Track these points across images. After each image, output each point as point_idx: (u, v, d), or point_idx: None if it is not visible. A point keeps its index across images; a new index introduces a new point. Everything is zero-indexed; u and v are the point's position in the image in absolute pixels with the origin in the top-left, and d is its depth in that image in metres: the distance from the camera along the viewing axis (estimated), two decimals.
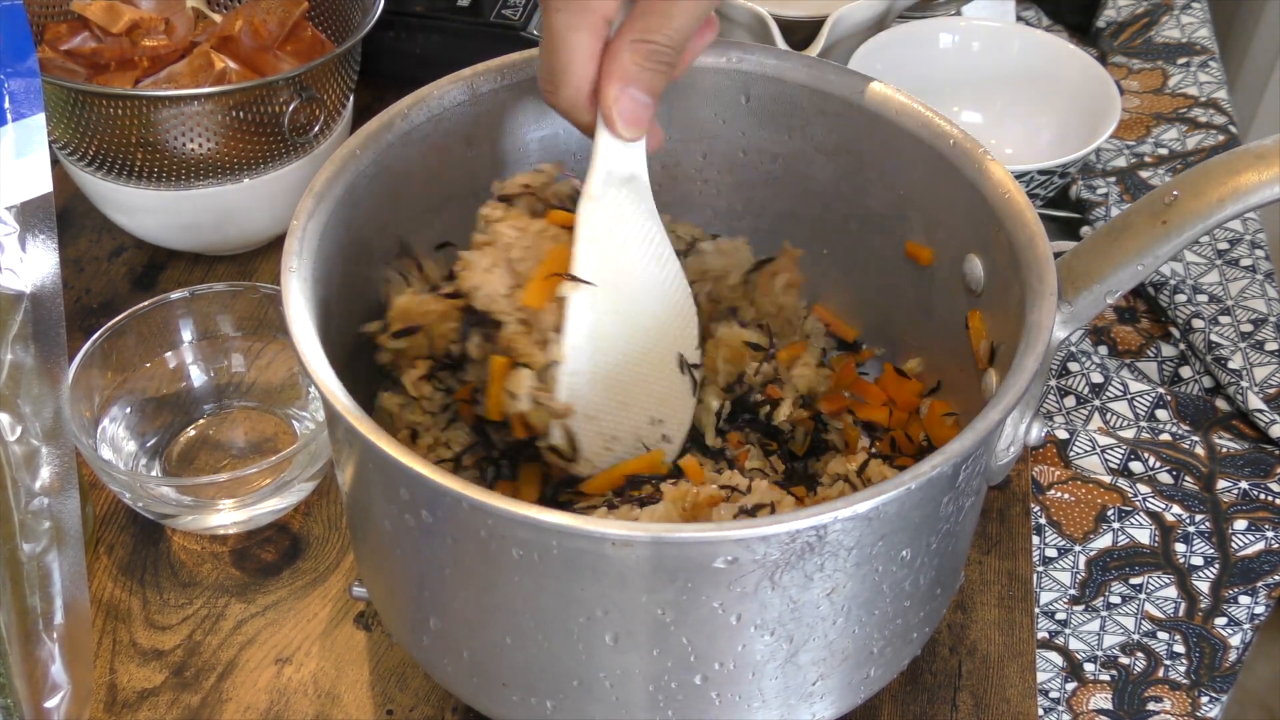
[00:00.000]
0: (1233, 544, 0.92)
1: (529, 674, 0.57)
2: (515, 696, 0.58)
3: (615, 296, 0.61)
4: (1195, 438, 0.93)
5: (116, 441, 0.78)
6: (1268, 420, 0.91)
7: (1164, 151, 1.10)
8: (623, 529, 0.48)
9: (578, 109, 0.59)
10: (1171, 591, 0.95)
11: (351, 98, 0.93)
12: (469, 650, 0.58)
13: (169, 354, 0.81)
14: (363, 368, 0.69)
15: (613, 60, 0.57)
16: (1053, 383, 0.96)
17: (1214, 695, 1.00)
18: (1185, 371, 0.97)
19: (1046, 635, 0.98)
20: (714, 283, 0.72)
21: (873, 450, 0.67)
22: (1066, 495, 0.92)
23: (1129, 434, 0.94)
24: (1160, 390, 0.95)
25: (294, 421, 0.82)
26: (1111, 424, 0.94)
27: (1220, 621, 0.96)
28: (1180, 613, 0.96)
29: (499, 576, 0.53)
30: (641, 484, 0.61)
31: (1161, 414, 0.94)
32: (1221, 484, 0.91)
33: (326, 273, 0.61)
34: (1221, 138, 1.11)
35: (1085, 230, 1.03)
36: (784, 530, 0.48)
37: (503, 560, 0.52)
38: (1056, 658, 0.99)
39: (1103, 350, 0.98)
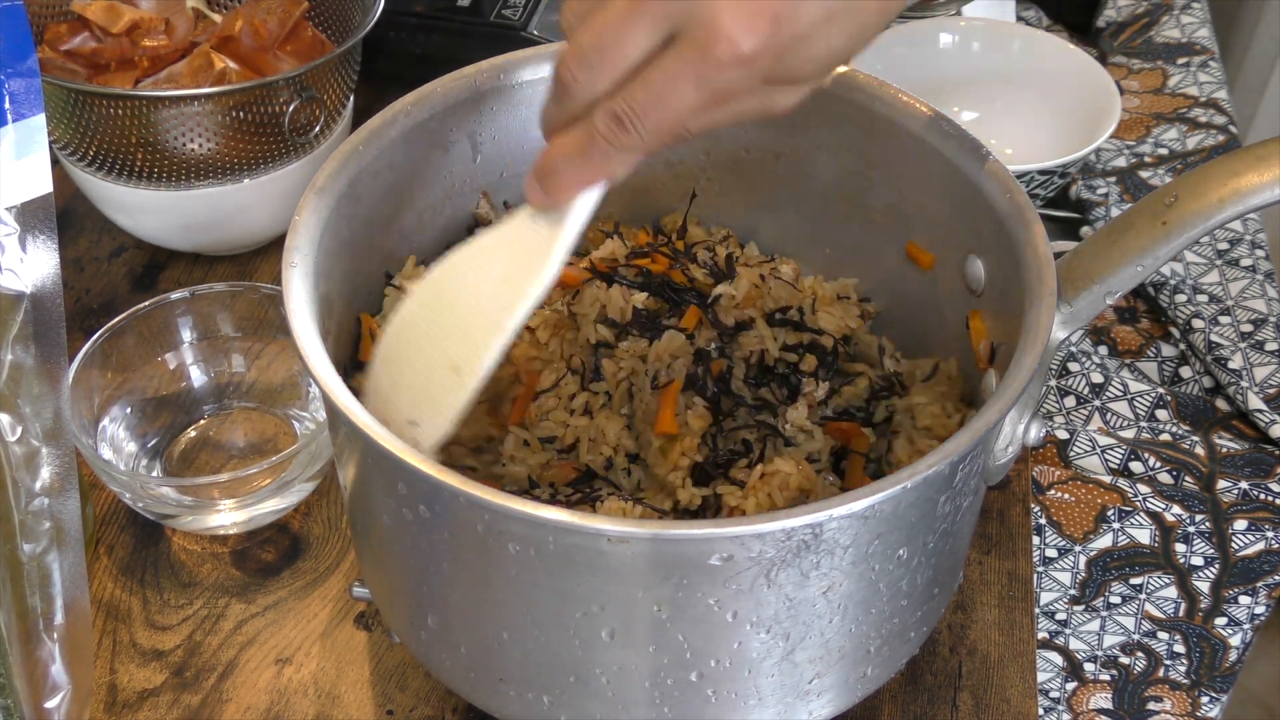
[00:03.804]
0: (1233, 544, 0.92)
1: (525, 669, 0.57)
2: (512, 692, 0.58)
3: (438, 296, 0.59)
4: (1195, 438, 0.93)
5: (117, 442, 0.78)
6: (1268, 420, 0.91)
7: (1164, 151, 1.10)
8: (619, 525, 0.48)
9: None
10: (1171, 591, 0.95)
11: (351, 98, 0.93)
12: (466, 645, 0.58)
13: (169, 354, 0.82)
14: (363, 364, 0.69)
15: (577, 124, 0.50)
16: (1053, 383, 0.96)
17: (1214, 695, 1.00)
18: (1185, 371, 0.97)
19: (1046, 635, 0.98)
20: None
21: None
22: (1066, 495, 0.92)
23: (1129, 434, 0.93)
24: (1160, 390, 0.95)
25: (294, 422, 0.82)
26: (1111, 424, 0.94)
27: (1220, 621, 0.96)
28: (1180, 613, 0.96)
29: (496, 571, 0.53)
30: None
31: (1161, 414, 0.94)
32: (1221, 484, 0.91)
33: (328, 268, 0.61)
34: (1221, 138, 1.11)
35: (1085, 230, 1.03)
36: (779, 528, 0.48)
37: (499, 555, 0.52)
38: (1056, 658, 0.99)
39: (1103, 350, 0.98)
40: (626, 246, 0.73)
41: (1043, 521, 0.93)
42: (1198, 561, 0.93)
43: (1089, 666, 0.99)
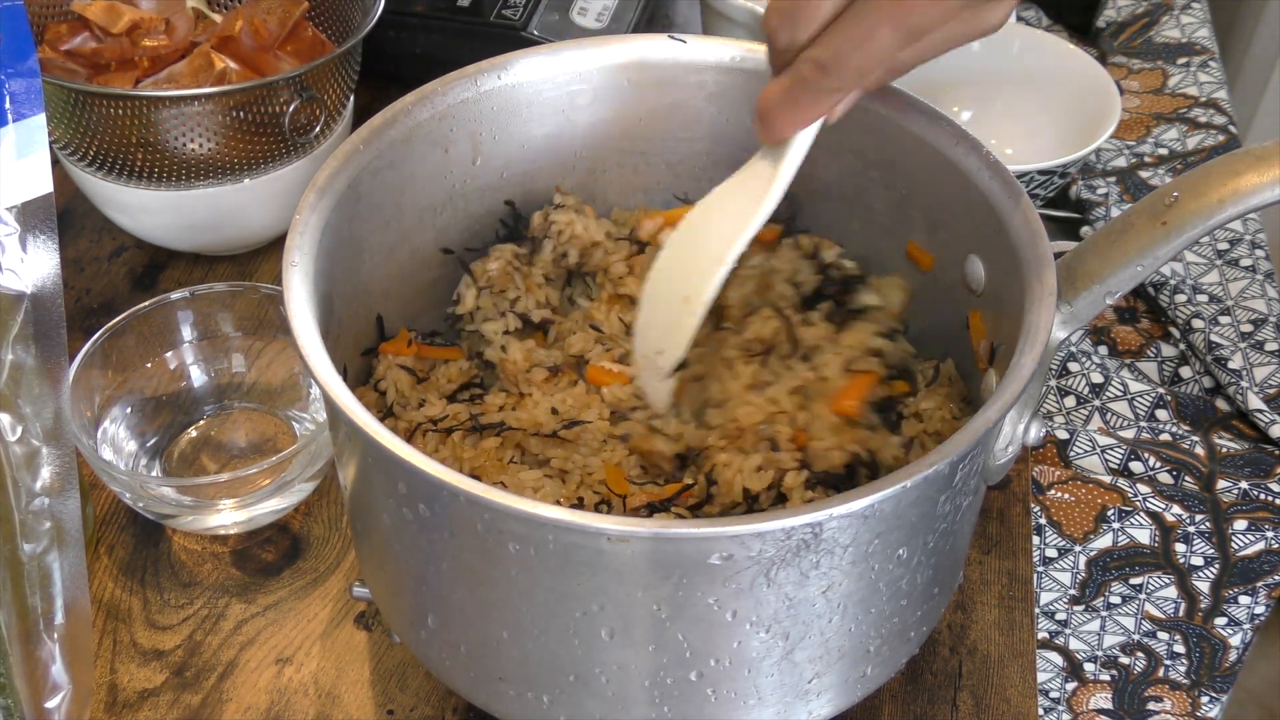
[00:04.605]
0: (1233, 544, 0.92)
1: (525, 668, 0.57)
2: (512, 691, 0.58)
3: (684, 238, 0.65)
4: (1195, 438, 0.93)
5: (117, 442, 0.78)
6: (1268, 420, 0.91)
7: (1164, 151, 1.10)
8: (619, 524, 0.48)
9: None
10: (1171, 591, 0.95)
11: (352, 98, 0.93)
12: (466, 644, 0.58)
13: (169, 354, 0.82)
14: (363, 362, 0.69)
15: (792, 69, 0.54)
16: (1053, 383, 0.96)
17: (1214, 695, 1.00)
18: (1185, 371, 0.97)
19: (1047, 635, 0.98)
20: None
21: None
22: (1066, 495, 0.92)
23: (1129, 434, 0.94)
24: (1160, 390, 0.95)
25: (294, 422, 0.82)
26: (1111, 424, 0.94)
27: (1220, 621, 0.96)
28: (1180, 613, 0.96)
29: (496, 570, 0.53)
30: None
31: (1161, 414, 0.94)
32: (1221, 484, 0.91)
33: (329, 268, 0.61)
34: (1222, 138, 1.11)
35: (1085, 230, 1.03)
36: (779, 527, 0.48)
37: (499, 554, 0.52)
38: (1057, 658, 0.99)
39: (1103, 350, 0.98)
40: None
41: (1043, 521, 0.93)
42: (1198, 561, 0.93)
43: (1089, 667, 0.99)
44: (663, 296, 0.65)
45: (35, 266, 0.68)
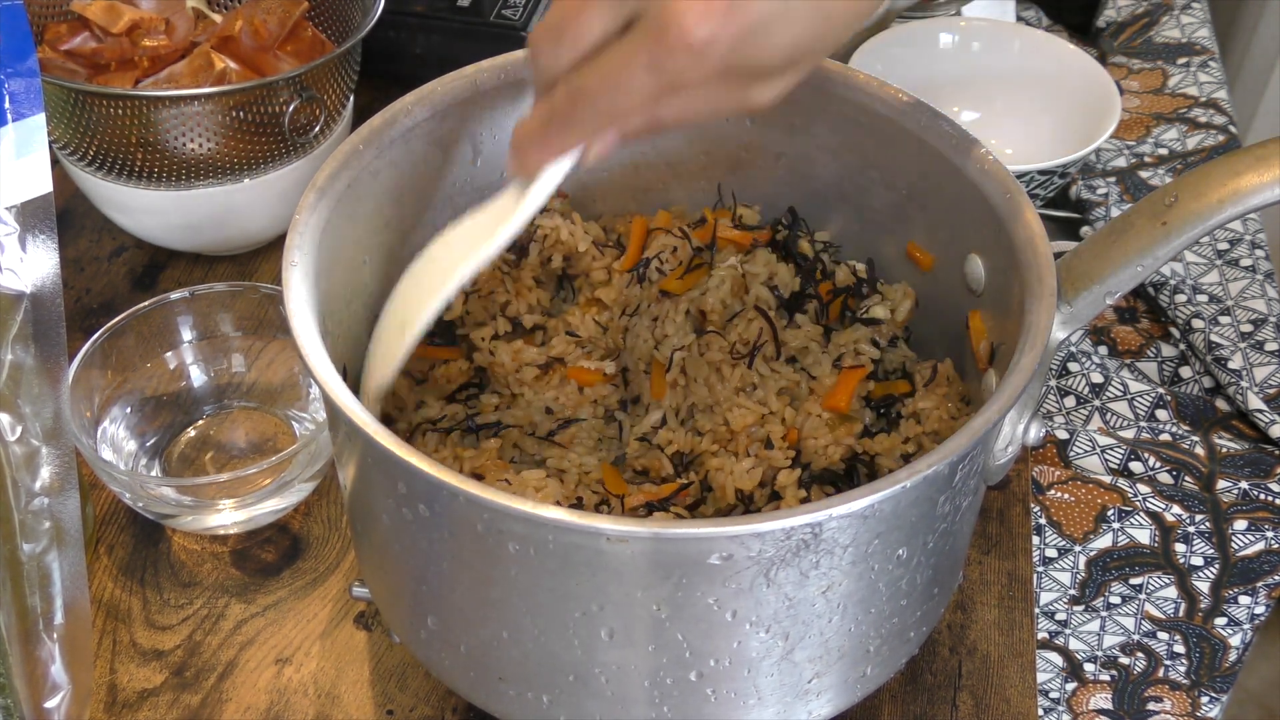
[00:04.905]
0: (1233, 544, 0.92)
1: (525, 668, 0.57)
2: (512, 691, 0.58)
3: (422, 266, 0.63)
4: (1195, 438, 0.93)
5: (116, 441, 0.78)
6: (1268, 420, 0.91)
7: (1164, 151, 1.10)
8: (619, 524, 0.48)
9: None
10: (1171, 591, 0.95)
11: (351, 98, 0.93)
12: (466, 645, 0.58)
13: (169, 354, 0.82)
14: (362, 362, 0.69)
15: (548, 96, 0.51)
16: (1053, 383, 0.96)
17: (1214, 695, 1.00)
18: (1185, 371, 0.97)
19: (1046, 635, 0.98)
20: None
21: None
22: (1066, 495, 0.92)
23: (1129, 434, 0.94)
24: (1160, 390, 0.95)
25: (294, 422, 0.82)
26: (1111, 424, 0.94)
27: (1220, 621, 0.96)
28: (1180, 613, 0.96)
29: (495, 570, 0.53)
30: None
31: (1161, 414, 0.94)
32: (1221, 484, 0.91)
33: (329, 267, 0.61)
34: (1221, 138, 1.11)
35: (1085, 230, 1.03)
36: (779, 527, 0.48)
37: (499, 554, 0.52)
38: (1056, 658, 0.99)
39: (1103, 350, 0.98)
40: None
41: (1043, 521, 0.93)
42: (1198, 561, 0.93)
43: (1089, 667, 0.99)
44: (386, 325, 0.63)
45: (35, 266, 0.68)
